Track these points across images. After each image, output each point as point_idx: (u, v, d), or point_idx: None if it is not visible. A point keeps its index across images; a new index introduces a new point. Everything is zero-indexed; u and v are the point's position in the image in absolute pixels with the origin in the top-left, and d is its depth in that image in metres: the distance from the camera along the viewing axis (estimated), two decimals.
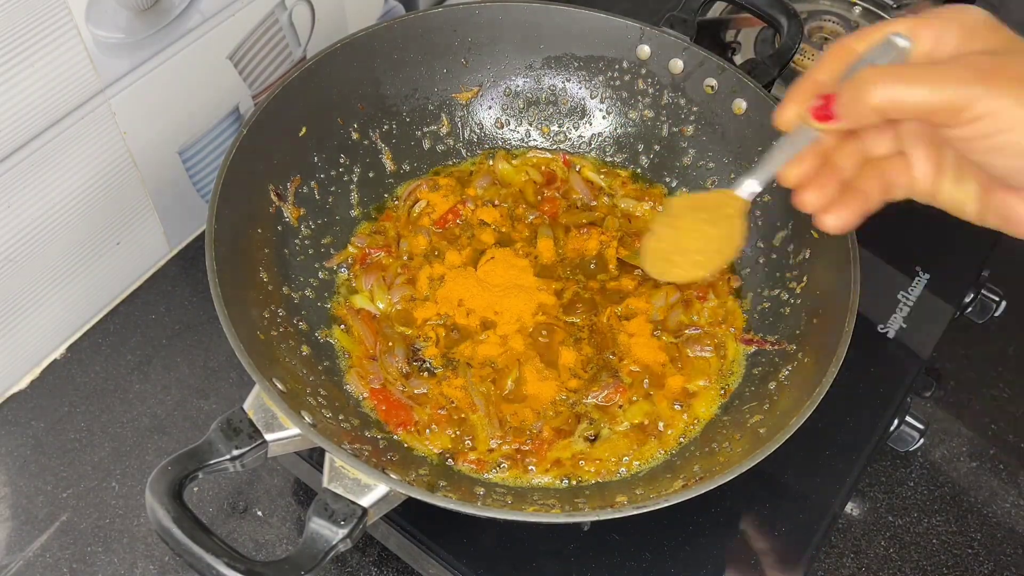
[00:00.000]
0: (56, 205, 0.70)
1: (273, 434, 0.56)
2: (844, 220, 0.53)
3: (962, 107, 0.44)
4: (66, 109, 0.67)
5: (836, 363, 0.59)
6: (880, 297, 0.78)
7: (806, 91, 0.51)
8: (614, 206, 0.80)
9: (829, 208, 0.53)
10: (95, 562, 0.68)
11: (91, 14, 0.64)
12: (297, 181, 0.73)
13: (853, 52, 0.51)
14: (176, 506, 0.51)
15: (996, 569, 0.72)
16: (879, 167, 0.53)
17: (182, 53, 0.73)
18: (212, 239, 0.61)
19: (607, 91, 0.82)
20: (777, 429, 0.57)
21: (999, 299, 0.84)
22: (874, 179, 0.53)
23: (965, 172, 0.51)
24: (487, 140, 0.84)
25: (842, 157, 0.53)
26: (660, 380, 0.70)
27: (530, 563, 0.64)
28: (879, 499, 0.75)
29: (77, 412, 0.75)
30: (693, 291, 0.74)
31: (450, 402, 0.68)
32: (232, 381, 0.77)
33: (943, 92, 0.44)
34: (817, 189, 0.53)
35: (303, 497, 0.71)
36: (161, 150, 0.77)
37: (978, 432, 0.80)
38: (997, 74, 0.44)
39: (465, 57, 0.81)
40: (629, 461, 0.66)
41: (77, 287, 0.77)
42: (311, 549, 0.52)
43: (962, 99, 0.44)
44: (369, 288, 0.73)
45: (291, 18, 0.82)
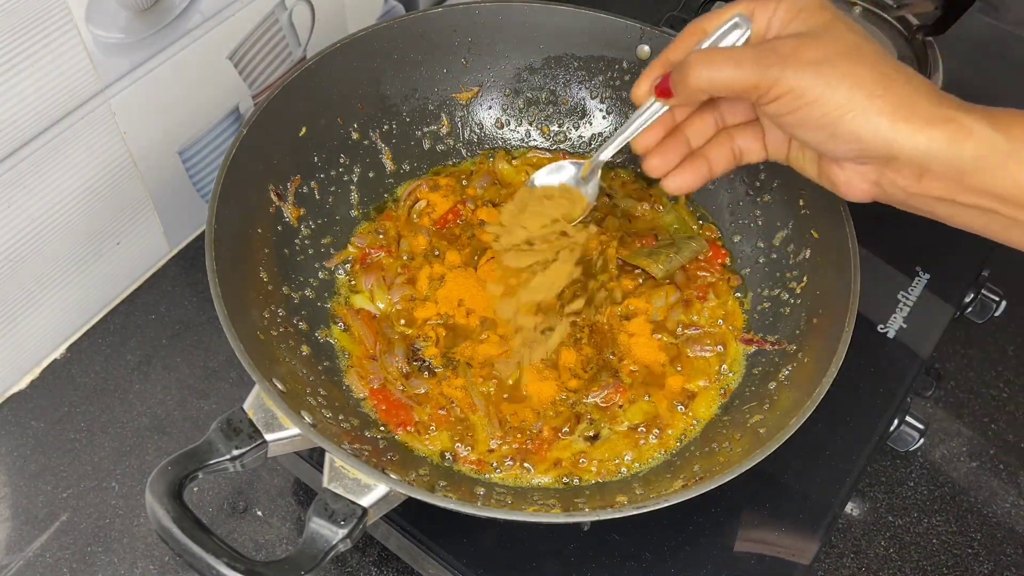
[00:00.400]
0: (56, 205, 0.70)
1: (273, 434, 0.56)
2: (682, 181, 0.60)
3: (767, 87, 0.50)
4: (66, 109, 0.67)
5: (836, 363, 0.59)
6: (880, 297, 0.78)
7: (657, 68, 0.58)
8: (614, 206, 0.80)
9: (672, 173, 0.60)
10: (95, 562, 0.68)
11: (91, 14, 0.64)
12: (297, 181, 0.73)
13: (703, 32, 0.57)
14: (176, 506, 0.51)
15: (996, 569, 0.72)
16: (731, 134, 0.60)
17: (182, 53, 0.73)
18: (212, 239, 0.61)
19: (607, 91, 0.82)
20: (777, 429, 0.57)
21: (999, 299, 0.84)
22: (723, 147, 0.60)
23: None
24: (487, 140, 0.84)
25: (692, 128, 0.60)
26: (660, 380, 0.70)
27: (530, 563, 0.64)
28: (879, 499, 0.75)
29: (77, 412, 0.75)
30: (693, 291, 0.74)
31: (450, 402, 0.68)
32: (232, 381, 0.77)
33: (748, 74, 0.50)
34: (660, 156, 0.60)
35: (303, 497, 0.71)
36: (161, 150, 0.77)
37: (978, 432, 0.80)
38: (794, 57, 0.49)
39: (465, 57, 0.81)
40: (629, 461, 0.66)
41: (77, 287, 0.77)
42: (311, 549, 0.52)
43: (765, 80, 0.50)
44: (369, 288, 0.73)
45: (291, 18, 0.82)
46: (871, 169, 0.52)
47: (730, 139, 0.60)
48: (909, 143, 0.48)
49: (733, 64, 0.51)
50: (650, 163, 0.60)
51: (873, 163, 0.51)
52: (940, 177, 0.49)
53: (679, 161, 0.60)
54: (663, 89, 0.56)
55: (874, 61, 0.49)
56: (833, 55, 0.49)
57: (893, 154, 0.49)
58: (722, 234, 0.78)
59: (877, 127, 0.48)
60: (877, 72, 0.49)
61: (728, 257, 0.77)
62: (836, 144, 0.51)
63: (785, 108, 0.50)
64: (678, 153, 0.60)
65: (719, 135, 0.60)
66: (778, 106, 0.50)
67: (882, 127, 0.48)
